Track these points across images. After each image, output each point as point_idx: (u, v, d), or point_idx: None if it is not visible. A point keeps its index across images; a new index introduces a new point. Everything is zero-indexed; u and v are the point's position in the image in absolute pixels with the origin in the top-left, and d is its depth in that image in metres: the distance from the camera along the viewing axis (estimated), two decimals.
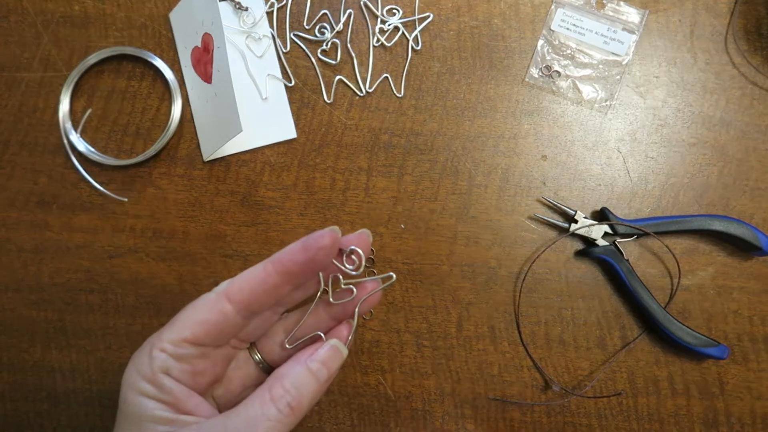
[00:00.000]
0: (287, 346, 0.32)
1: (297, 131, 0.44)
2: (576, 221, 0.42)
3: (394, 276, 0.32)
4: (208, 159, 0.44)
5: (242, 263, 0.43)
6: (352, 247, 0.31)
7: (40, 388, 0.43)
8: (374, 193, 0.44)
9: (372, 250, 0.43)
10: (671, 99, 0.44)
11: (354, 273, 0.31)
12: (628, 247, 0.43)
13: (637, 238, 0.42)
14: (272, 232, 0.43)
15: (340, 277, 0.32)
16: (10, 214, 0.44)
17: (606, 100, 0.44)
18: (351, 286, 0.32)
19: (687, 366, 0.42)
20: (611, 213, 0.42)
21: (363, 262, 0.31)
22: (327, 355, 0.30)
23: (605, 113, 0.44)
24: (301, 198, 0.44)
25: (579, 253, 0.43)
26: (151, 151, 0.43)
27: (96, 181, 0.44)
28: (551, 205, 0.43)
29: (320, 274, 0.32)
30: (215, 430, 0.28)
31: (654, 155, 0.44)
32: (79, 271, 0.43)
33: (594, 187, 0.44)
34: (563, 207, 0.43)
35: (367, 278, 0.33)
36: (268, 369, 0.33)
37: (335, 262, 0.31)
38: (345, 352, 0.31)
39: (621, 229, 0.42)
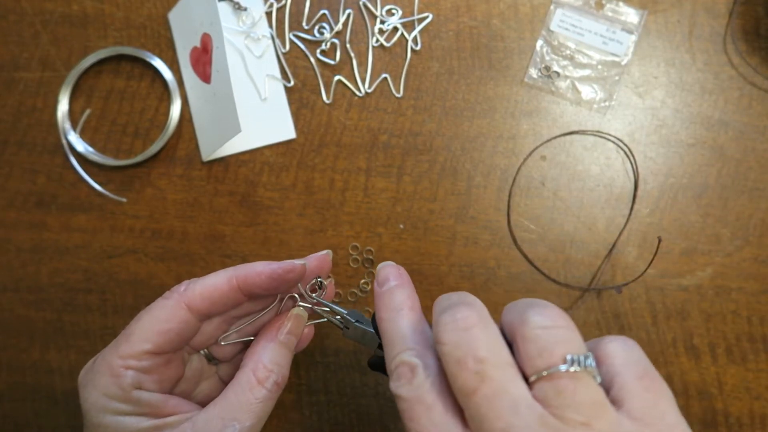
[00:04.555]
0: (221, 343, 0.34)
1: (296, 131, 0.44)
2: None
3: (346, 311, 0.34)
4: (207, 159, 0.44)
5: (241, 263, 0.43)
6: (319, 279, 0.34)
7: (39, 388, 0.43)
8: (373, 194, 0.44)
9: (371, 250, 0.43)
10: (670, 99, 0.44)
11: (313, 299, 0.34)
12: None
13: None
14: (271, 233, 0.43)
15: (297, 296, 0.34)
16: (8, 214, 0.44)
17: (605, 101, 0.44)
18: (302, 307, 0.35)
19: (686, 366, 0.42)
20: None
21: (324, 293, 0.34)
22: (293, 324, 0.33)
23: (604, 114, 0.44)
24: (300, 198, 0.44)
25: None
26: (150, 151, 0.43)
27: (95, 181, 0.44)
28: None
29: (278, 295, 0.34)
30: (212, 422, 0.28)
31: (653, 156, 0.44)
32: (77, 272, 0.43)
33: (593, 187, 0.44)
34: None
35: (320, 306, 0.34)
36: (211, 357, 0.35)
37: (299, 286, 0.34)
38: (305, 314, 0.34)
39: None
